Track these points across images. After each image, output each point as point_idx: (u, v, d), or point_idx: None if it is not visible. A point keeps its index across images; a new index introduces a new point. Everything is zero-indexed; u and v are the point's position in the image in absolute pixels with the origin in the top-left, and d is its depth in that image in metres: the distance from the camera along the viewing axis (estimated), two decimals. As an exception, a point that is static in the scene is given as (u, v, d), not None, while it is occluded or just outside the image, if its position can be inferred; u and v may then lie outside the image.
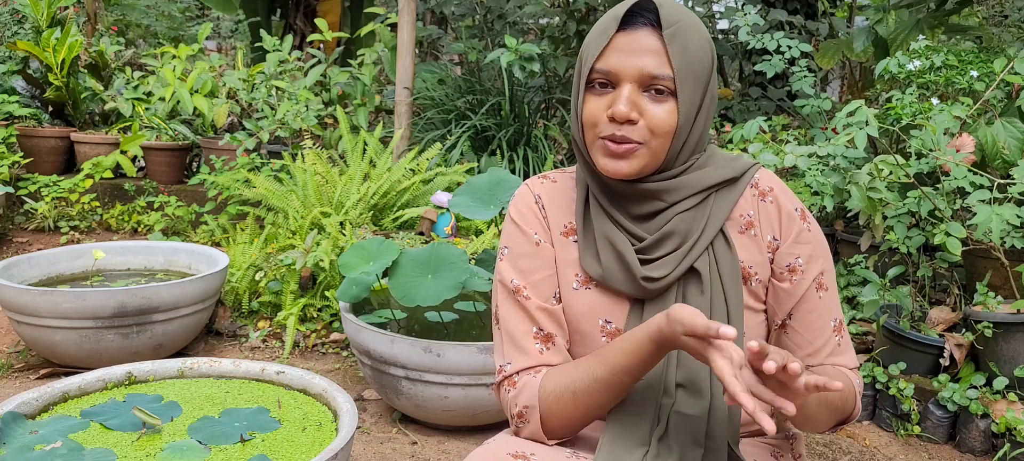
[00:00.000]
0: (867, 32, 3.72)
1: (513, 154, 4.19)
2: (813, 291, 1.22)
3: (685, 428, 1.15)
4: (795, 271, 1.21)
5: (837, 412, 1.19)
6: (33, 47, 4.73)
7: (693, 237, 1.18)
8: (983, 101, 2.80)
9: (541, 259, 1.25)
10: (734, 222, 1.22)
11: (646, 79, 1.13)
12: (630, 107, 1.13)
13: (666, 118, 1.14)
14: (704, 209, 1.20)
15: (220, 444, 1.76)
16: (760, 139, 3.11)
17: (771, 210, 1.23)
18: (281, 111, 4.33)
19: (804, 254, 1.21)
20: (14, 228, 4.50)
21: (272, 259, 3.28)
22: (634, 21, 1.14)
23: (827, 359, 1.23)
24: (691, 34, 1.15)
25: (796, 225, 1.22)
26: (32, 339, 2.78)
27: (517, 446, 1.17)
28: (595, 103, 1.16)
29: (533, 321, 1.22)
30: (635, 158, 1.15)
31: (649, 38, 1.13)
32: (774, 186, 1.25)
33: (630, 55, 1.13)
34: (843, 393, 1.18)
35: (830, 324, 1.23)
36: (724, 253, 1.19)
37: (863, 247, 2.91)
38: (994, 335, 2.45)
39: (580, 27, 5.04)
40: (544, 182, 1.31)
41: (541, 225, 1.26)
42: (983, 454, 2.43)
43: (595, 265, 1.21)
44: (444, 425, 2.48)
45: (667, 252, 1.19)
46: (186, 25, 9.79)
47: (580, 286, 1.24)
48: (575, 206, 1.26)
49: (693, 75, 1.14)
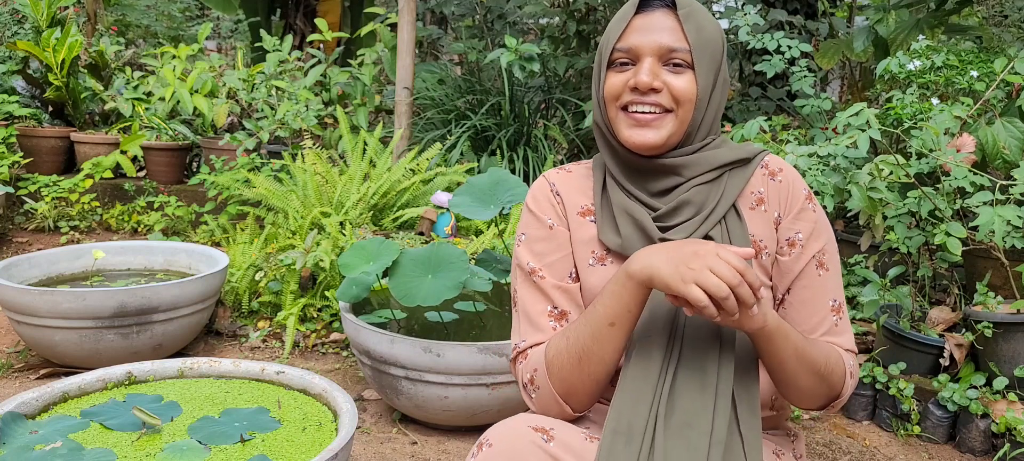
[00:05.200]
0: (867, 32, 3.72)
1: (513, 154, 4.20)
2: (812, 268, 1.26)
3: (692, 379, 1.17)
4: (794, 245, 1.26)
5: (821, 378, 1.20)
6: (33, 47, 4.73)
7: (708, 208, 1.23)
8: (983, 101, 2.80)
9: (555, 242, 1.30)
10: (745, 199, 1.28)
11: (665, 52, 1.20)
12: (652, 76, 1.20)
13: (687, 86, 1.20)
14: (718, 185, 1.25)
15: (220, 444, 1.76)
16: (760, 139, 3.11)
17: (780, 188, 1.28)
18: (281, 111, 4.33)
19: (804, 230, 1.26)
20: (14, 228, 4.50)
21: (272, 259, 3.28)
22: (650, 4, 1.22)
23: (822, 337, 1.26)
24: (704, 17, 1.22)
25: (800, 202, 1.28)
26: (32, 339, 2.77)
27: (538, 421, 1.18)
28: (616, 78, 1.23)
29: (549, 299, 1.27)
30: (662, 126, 1.21)
31: (666, 18, 1.21)
32: (784, 168, 1.31)
33: (649, 32, 1.21)
34: (827, 359, 1.20)
35: (828, 303, 1.26)
36: (736, 227, 1.23)
37: (863, 247, 2.91)
38: (994, 335, 2.45)
39: (580, 27, 5.05)
40: (560, 173, 1.36)
41: (555, 211, 1.32)
42: (983, 454, 2.43)
43: (614, 236, 1.25)
44: (444, 425, 2.48)
45: (684, 220, 1.23)
46: (186, 25, 9.80)
47: (596, 262, 1.28)
48: (593, 188, 1.32)
49: (708, 52, 1.22)
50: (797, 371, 1.18)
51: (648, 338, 1.19)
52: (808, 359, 1.18)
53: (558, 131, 4.57)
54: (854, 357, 1.28)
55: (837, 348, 1.25)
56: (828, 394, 1.23)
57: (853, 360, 1.27)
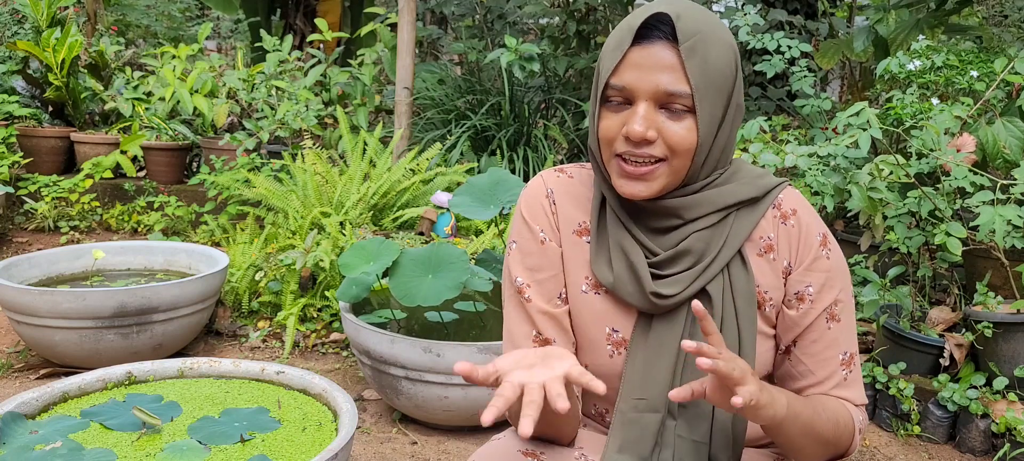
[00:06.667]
0: (867, 32, 3.72)
1: (513, 154, 4.20)
2: (822, 321, 1.16)
3: (688, 452, 1.13)
4: (803, 299, 1.16)
5: (829, 446, 1.14)
6: (33, 47, 4.73)
7: (709, 257, 1.14)
8: (983, 101, 2.80)
9: (547, 258, 1.21)
10: (753, 244, 1.17)
11: (662, 96, 1.07)
12: (646, 126, 1.07)
13: (686, 136, 1.08)
14: (723, 228, 1.15)
15: (220, 444, 1.76)
16: (760, 139, 3.11)
17: (792, 234, 1.17)
18: (281, 111, 4.33)
19: (816, 283, 1.16)
20: (14, 228, 4.50)
21: (272, 259, 3.28)
22: (650, 34, 1.07)
23: (831, 392, 1.18)
24: (711, 45, 1.08)
25: (813, 251, 1.17)
26: (32, 339, 2.77)
27: (527, 444, 1.16)
28: (611, 120, 1.11)
29: (533, 324, 1.20)
30: (654, 179, 1.10)
31: (665, 52, 1.06)
32: (798, 208, 1.19)
33: (645, 71, 1.07)
34: (836, 425, 1.14)
35: (838, 357, 1.17)
36: (740, 276, 1.15)
37: (863, 247, 2.91)
38: (994, 335, 2.45)
39: (580, 27, 5.05)
40: (559, 177, 1.25)
41: (549, 222, 1.22)
42: (983, 454, 2.43)
43: (607, 272, 1.17)
44: (444, 425, 2.48)
45: (680, 270, 1.14)
46: (186, 25, 9.80)
47: (589, 289, 1.20)
48: (591, 206, 1.22)
49: (715, 88, 1.08)
50: (804, 445, 1.11)
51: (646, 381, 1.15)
52: (816, 433, 1.11)
53: (558, 131, 4.57)
54: (863, 411, 1.20)
55: (847, 407, 1.17)
56: (835, 454, 1.18)
57: (862, 416, 1.20)
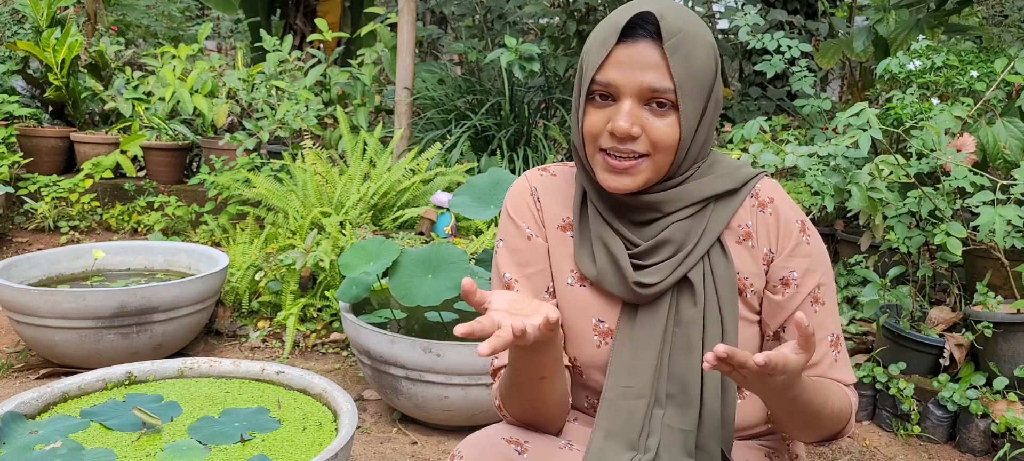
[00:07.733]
0: (867, 32, 3.72)
1: (513, 154, 4.20)
2: (808, 305, 1.19)
3: (675, 440, 1.15)
4: (788, 284, 1.19)
5: (832, 419, 1.16)
6: (33, 47, 4.73)
7: (688, 246, 1.17)
8: (984, 101, 2.80)
9: (534, 253, 1.26)
10: (732, 232, 1.21)
11: (646, 93, 1.11)
12: (631, 122, 1.11)
13: (669, 132, 1.12)
14: (701, 218, 1.18)
15: (220, 444, 1.76)
16: (760, 139, 3.11)
17: (770, 221, 1.21)
18: (281, 111, 4.33)
19: (799, 267, 1.19)
20: (14, 228, 4.50)
21: (272, 259, 3.28)
22: (634, 32, 1.11)
23: (825, 374, 1.21)
24: (694, 43, 1.12)
25: (793, 237, 1.20)
26: (32, 339, 2.77)
27: (511, 433, 1.19)
28: (596, 116, 1.14)
29: None
30: (638, 173, 1.14)
31: (650, 51, 1.10)
32: (775, 196, 1.22)
33: (630, 69, 1.11)
34: (838, 402, 1.15)
35: (826, 338, 1.20)
36: (720, 263, 1.18)
37: (863, 247, 2.91)
38: (994, 335, 2.45)
39: (580, 27, 5.05)
40: (543, 175, 1.30)
41: (534, 218, 1.27)
42: (983, 454, 2.43)
43: (590, 265, 1.21)
44: (444, 425, 2.48)
45: (661, 260, 1.17)
46: (186, 25, 9.80)
47: (575, 282, 1.24)
48: (574, 203, 1.25)
49: (697, 84, 1.12)
50: (803, 423, 1.13)
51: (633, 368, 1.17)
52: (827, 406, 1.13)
53: (558, 131, 4.57)
54: (854, 392, 1.23)
55: (842, 389, 1.19)
56: (830, 434, 1.20)
57: (855, 396, 1.23)
